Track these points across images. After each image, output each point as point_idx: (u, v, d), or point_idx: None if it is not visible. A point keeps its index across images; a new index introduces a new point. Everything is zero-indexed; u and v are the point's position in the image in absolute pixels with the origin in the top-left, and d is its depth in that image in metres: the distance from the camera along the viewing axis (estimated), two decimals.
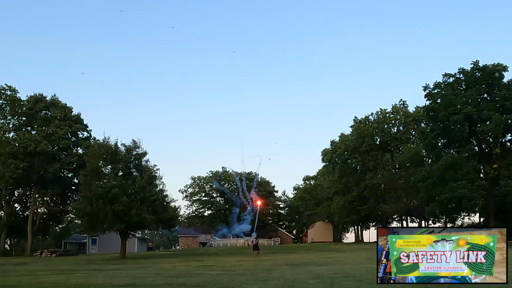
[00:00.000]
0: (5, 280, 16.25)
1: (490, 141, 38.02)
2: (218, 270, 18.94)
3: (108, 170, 37.02)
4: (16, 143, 48.06)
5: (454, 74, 38.84)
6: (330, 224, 64.62)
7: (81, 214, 34.96)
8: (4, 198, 51.29)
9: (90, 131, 53.66)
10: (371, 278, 12.19)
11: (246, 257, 32.00)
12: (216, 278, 14.60)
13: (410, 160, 46.15)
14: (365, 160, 53.89)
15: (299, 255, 32.19)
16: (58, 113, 49.56)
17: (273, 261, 24.44)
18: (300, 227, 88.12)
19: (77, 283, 14.16)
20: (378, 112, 56.43)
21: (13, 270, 23.19)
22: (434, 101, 39.15)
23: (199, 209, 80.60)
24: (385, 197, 51.70)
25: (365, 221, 60.26)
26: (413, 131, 53.77)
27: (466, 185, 34.77)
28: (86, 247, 58.68)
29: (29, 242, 51.01)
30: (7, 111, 50.91)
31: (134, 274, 17.43)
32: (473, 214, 47.43)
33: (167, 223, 37.98)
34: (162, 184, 37.47)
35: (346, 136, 58.75)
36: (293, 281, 12.81)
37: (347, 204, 55.29)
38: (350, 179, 56.24)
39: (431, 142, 40.22)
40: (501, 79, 37.16)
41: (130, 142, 37.40)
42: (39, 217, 53.95)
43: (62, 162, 49.06)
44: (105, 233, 37.04)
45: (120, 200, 33.03)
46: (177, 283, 13.49)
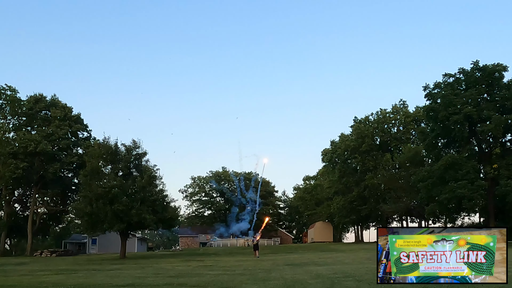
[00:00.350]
0: (5, 280, 16.25)
1: (490, 141, 38.01)
2: (218, 270, 18.93)
3: (108, 170, 36.97)
4: (16, 143, 48.03)
5: (454, 74, 38.84)
6: (330, 224, 64.65)
7: (81, 214, 34.92)
8: (4, 198, 51.27)
9: (90, 131, 53.68)
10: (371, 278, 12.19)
11: (246, 257, 31.98)
12: (216, 278, 14.60)
13: (410, 160, 46.11)
14: (365, 160, 53.91)
15: (299, 255, 32.17)
16: (58, 113, 49.53)
17: (273, 261, 24.43)
18: (300, 227, 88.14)
19: (77, 283, 14.16)
20: (378, 112, 56.45)
21: (13, 270, 23.19)
22: (434, 101, 39.13)
23: (199, 209, 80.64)
24: (385, 197, 51.68)
25: (365, 221, 60.29)
26: (413, 131, 53.73)
27: (466, 185, 34.76)
28: (86, 247, 58.64)
29: (29, 242, 50.98)
30: (7, 111, 50.89)
31: (134, 274, 17.43)
32: (473, 214, 47.44)
33: (167, 223, 37.94)
34: (162, 184, 37.48)
35: (346, 136, 58.78)
36: (293, 281, 12.81)
37: (347, 204, 55.32)
38: (350, 179, 56.25)
39: (431, 142, 40.20)
40: (501, 79, 37.13)
41: (130, 142, 37.41)
42: (39, 217, 53.91)
43: (62, 162, 49.03)
44: (105, 233, 37.02)
45: (120, 200, 33.00)
46: (177, 283, 13.49)
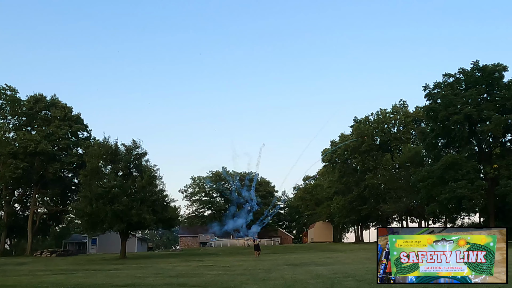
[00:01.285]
0: (5, 280, 16.25)
1: (490, 141, 37.98)
2: (218, 270, 18.93)
3: (108, 170, 36.99)
4: (16, 143, 48.04)
5: (454, 74, 38.81)
6: (330, 224, 64.62)
7: (81, 214, 34.92)
8: (4, 198, 51.27)
9: (90, 131, 53.71)
10: (371, 278, 12.19)
11: (246, 257, 31.98)
12: (216, 278, 14.60)
13: (410, 160, 46.07)
14: (365, 160, 53.90)
15: (299, 255, 32.17)
16: (58, 113, 49.55)
17: (273, 261, 24.44)
18: (300, 227, 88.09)
19: (77, 283, 14.17)
20: (378, 112, 56.44)
21: (13, 270, 23.20)
22: (434, 101, 39.10)
23: (199, 209, 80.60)
24: (385, 197, 51.66)
25: (365, 221, 60.29)
26: (413, 131, 53.71)
27: (466, 185, 34.72)
28: (86, 247, 58.64)
29: (29, 242, 50.99)
30: (7, 111, 50.90)
31: (134, 274, 17.43)
32: (473, 214, 47.41)
33: (167, 223, 37.95)
34: (162, 184, 37.50)
35: (346, 136, 58.75)
36: (293, 281, 12.81)
37: (347, 204, 55.29)
38: (350, 179, 56.22)
39: (431, 142, 40.17)
40: (501, 79, 37.08)
41: (130, 142, 37.44)
42: (39, 217, 53.92)
43: (62, 162, 49.04)
44: (105, 233, 37.03)
45: (120, 200, 33.02)
46: (177, 283, 13.49)
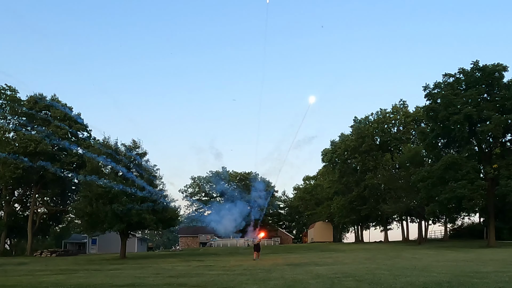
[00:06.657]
0: (5, 280, 16.25)
1: (490, 141, 37.97)
2: (218, 270, 18.93)
3: (108, 170, 37.00)
4: (16, 143, 48.02)
5: (454, 74, 38.82)
6: (330, 224, 64.66)
7: (81, 214, 34.95)
8: (4, 198, 51.28)
9: (90, 131, 53.66)
10: (371, 278, 12.21)
11: (246, 257, 31.95)
12: (216, 278, 14.60)
13: (410, 160, 46.06)
14: (365, 160, 53.90)
15: (299, 255, 32.17)
16: (58, 113, 49.52)
17: (273, 261, 24.44)
18: (300, 227, 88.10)
19: (77, 283, 14.17)
20: (378, 112, 56.44)
21: (13, 270, 23.21)
22: (434, 101, 39.10)
23: (199, 209, 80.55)
24: (385, 197, 51.63)
25: (365, 221, 60.30)
26: (413, 131, 53.71)
27: (466, 185, 34.73)
28: (86, 247, 58.67)
29: (29, 242, 50.99)
30: (7, 111, 50.86)
31: (134, 274, 17.43)
32: (473, 214, 47.54)
33: (167, 223, 37.98)
34: (162, 184, 37.52)
35: (346, 136, 58.75)
36: (293, 281, 12.81)
37: (347, 204, 55.32)
38: (350, 179, 56.23)
39: (431, 142, 40.18)
40: (501, 79, 37.09)
41: (130, 142, 37.47)
42: (39, 217, 53.93)
43: (62, 162, 49.02)
44: (105, 233, 37.04)
45: (120, 200, 33.02)
46: (177, 283, 13.49)
